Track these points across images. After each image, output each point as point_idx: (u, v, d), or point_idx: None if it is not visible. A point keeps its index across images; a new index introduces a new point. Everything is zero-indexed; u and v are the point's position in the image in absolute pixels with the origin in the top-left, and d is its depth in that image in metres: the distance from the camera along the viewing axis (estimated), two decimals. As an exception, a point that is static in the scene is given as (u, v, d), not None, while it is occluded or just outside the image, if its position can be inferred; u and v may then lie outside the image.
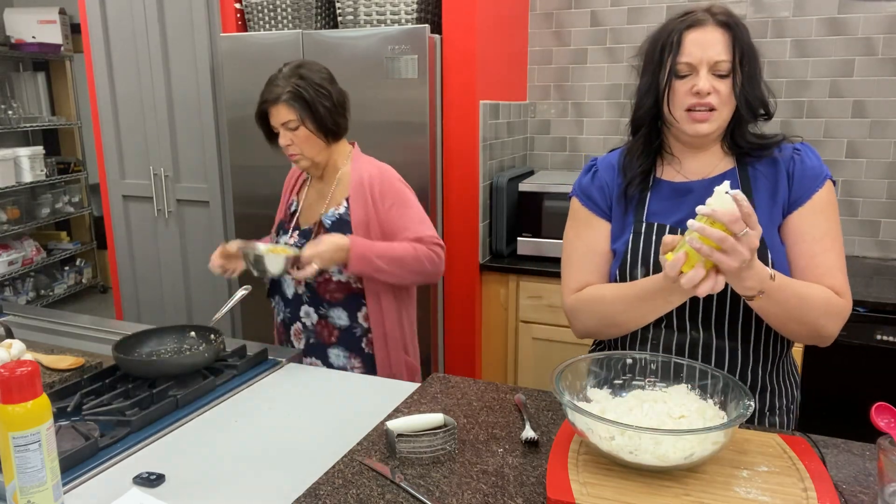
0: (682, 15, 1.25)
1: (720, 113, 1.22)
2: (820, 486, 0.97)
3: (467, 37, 2.50)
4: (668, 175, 1.33)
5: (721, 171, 1.30)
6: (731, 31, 1.20)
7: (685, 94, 1.21)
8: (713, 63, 1.19)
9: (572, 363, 1.18)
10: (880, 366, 2.19)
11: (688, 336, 1.28)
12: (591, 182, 1.39)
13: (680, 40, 1.21)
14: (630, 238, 1.31)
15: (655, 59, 1.25)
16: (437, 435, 1.13)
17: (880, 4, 2.56)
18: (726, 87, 1.20)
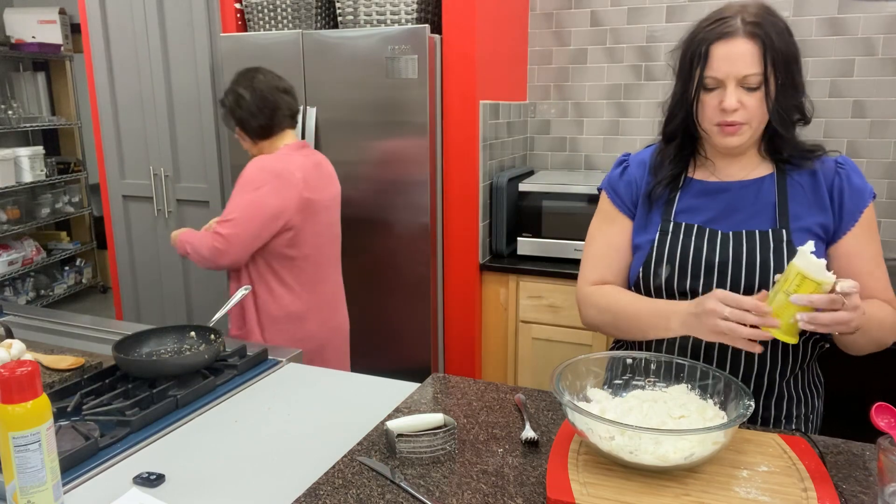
0: (713, 21, 1.19)
1: (749, 126, 1.20)
2: (820, 486, 0.97)
3: (467, 37, 2.50)
4: (701, 175, 1.32)
5: (758, 175, 1.28)
6: (761, 40, 1.15)
7: (713, 109, 1.20)
8: (741, 77, 1.16)
9: (572, 363, 1.18)
10: (880, 366, 2.19)
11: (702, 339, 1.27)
12: (619, 177, 1.39)
13: (708, 53, 1.17)
14: (657, 236, 1.30)
15: (685, 68, 1.22)
16: (437, 435, 1.13)
17: (880, 4, 2.56)
18: (755, 101, 1.17)
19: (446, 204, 2.66)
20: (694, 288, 1.26)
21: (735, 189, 1.28)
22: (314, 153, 2.14)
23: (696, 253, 1.26)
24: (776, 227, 1.24)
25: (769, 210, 1.25)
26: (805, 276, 1.01)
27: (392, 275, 2.70)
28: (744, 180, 1.28)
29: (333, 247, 2.19)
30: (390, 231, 2.67)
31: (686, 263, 1.26)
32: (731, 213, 1.27)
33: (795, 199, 1.25)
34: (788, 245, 1.22)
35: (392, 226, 2.67)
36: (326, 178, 2.13)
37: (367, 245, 2.72)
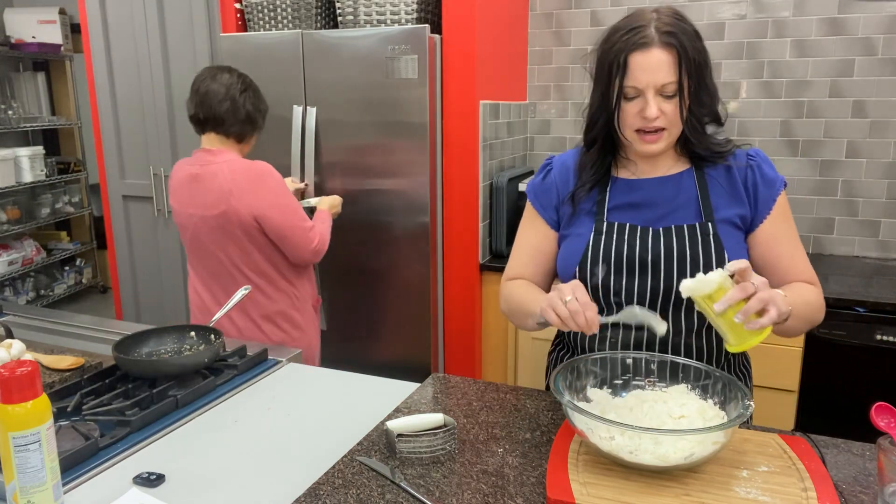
0: (628, 30, 1.21)
1: (669, 132, 1.24)
2: (820, 486, 0.97)
3: (467, 37, 2.50)
4: (624, 174, 1.36)
5: (677, 170, 1.33)
6: (676, 49, 1.18)
7: (634, 117, 1.23)
8: (659, 86, 1.19)
9: (572, 363, 1.18)
10: (880, 366, 2.19)
11: (645, 332, 1.29)
12: (541, 182, 1.45)
13: (626, 62, 1.20)
14: (591, 237, 1.33)
15: (604, 77, 1.25)
16: (437, 435, 1.13)
17: (880, 4, 2.56)
18: (673, 107, 1.21)
19: (446, 204, 2.66)
20: (630, 285, 1.30)
21: (656, 185, 1.33)
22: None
23: (629, 251, 1.30)
24: (702, 220, 1.29)
25: (692, 204, 1.31)
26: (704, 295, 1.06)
27: (392, 275, 2.70)
28: (663, 176, 1.33)
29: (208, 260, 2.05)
30: (390, 231, 2.67)
31: (621, 262, 1.30)
32: (656, 208, 1.32)
33: (714, 193, 1.31)
34: (714, 238, 1.27)
35: (392, 226, 2.67)
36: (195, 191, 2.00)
37: (367, 245, 2.72)
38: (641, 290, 1.29)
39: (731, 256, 1.26)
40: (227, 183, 1.94)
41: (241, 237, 1.98)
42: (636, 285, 1.29)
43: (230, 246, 1.99)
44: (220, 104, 1.98)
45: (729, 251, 1.26)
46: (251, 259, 2.01)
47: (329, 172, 2.71)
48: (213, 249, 2.00)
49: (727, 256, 1.25)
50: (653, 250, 1.28)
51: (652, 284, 1.29)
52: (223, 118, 2.00)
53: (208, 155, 2.02)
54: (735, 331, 1.06)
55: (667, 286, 1.28)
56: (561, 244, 1.41)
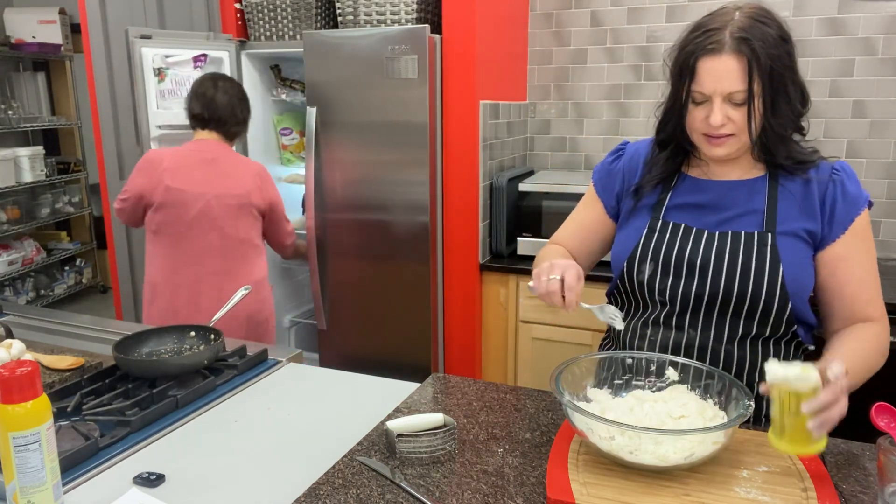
0: (701, 32, 1.17)
1: (738, 138, 1.20)
2: (820, 486, 0.97)
3: (467, 37, 2.50)
4: (695, 173, 1.33)
5: (750, 177, 1.28)
6: (747, 56, 1.13)
7: (701, 122, 1.20)
8: (727, 94, 1.16)
9: (572, 363, 1.18)
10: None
11: (684, 335, 1.28)
12: (609, 165, 1.43)
13: (695, 67, 1.17)
14: (644, 233, 1.31)
15: (676, 78, 1.23)
16: (437, 435, 1.13)
17: (880, 4, 2.56)
18: (742, 115, 1.17)
19: (446, 204, 2.66)
20: (674, 286, 1.28)
21: (725, 188, 1.29)
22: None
23: (679, 252, 1.27)
24: (762, 230, 1.24)
25: (758, 213, 1.25)
26: (795, 392, 0.96)
27: (392, 275, 2.70)
28: (735, 180, 1.29)
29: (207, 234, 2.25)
30: (390, 231, 2.67)
31: (669, 262, 1.28)
32: (719, 211, 1.28)
33: (785, 204, 1.24)
34: (772, 249, 1.22)
35: (392, 226, 2.67)
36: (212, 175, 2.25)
37: (367, 245, 2.72)
38: (686, 292, 1.26)
39: (787, 272, 1.20)
40: (251, 171, 2.32)
41: (254, 216, 2.33)
42: (681, 287, 1.26)
43: (243, 220, 2.29)
44: (224, 108, 2.29)
45: (786, 266, 1.21)
46: (256, 233, 2.36)
47: (329, 172, 2.71)
48: (222, 224, 2.25)
49: (782, 270, 1.20)
50: (703, 254, 1.25)
51: (697, 288, 1.25)
52: (226, 120, 2.31)
53: (213, 145, 2.30)
54: (796, 433, 0.97)
55: (712, 291, 1.24)
56: (617, 234, 1.39)
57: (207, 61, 2.83)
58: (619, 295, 1.40)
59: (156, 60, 2.75)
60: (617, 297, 1.42)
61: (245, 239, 2.31)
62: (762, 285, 1.21)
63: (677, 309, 1.28)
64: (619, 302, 1.41)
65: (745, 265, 1.22)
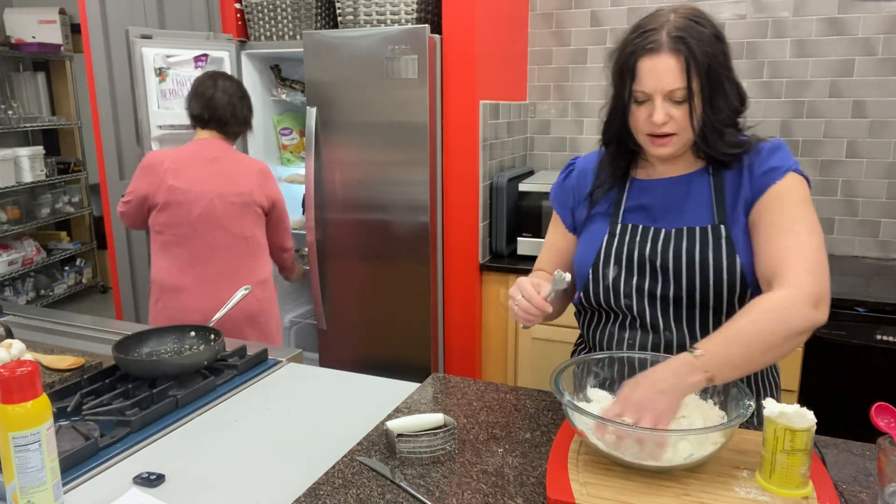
0: (639, 33, 1.20)
1: (680, 137, 1.22)
2: (820, 486, 0.97)
3: (467, 37, 2.50)
4: (642, 175, 1.35)
5: (693, 169, 1.30)
6: (684, 55, 1.16)
7: (644, 121, 1.22)
8: (667, 92, 1.18)
9: (572, 363, 1.18)
10: (880, 366, 2.19)
11: (662, 336, 1.29)
12: (561, 184, 1.47)
13: (635, 67, 1.19)
14: (605, 238, 1.33)
15: (617, 79, 1.24)
16: (437, 435, 1.13)
17: (880, 4, 2.56)
18: (683, 113, 1.19)
19: (446, 204, 2.66)
20: (640, 287, 1.29)
21: (669, 184, 1.31)
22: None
23: (640, 253, 1.29)
24: (715, 223, 1.26)
25: (704, 205, 1.28)
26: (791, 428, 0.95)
27: (392, 274, 2.70)
28: (676, 176, 1.31)
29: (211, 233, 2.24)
30: (390, 231, 2.67)
31: (632, 264, 1.29)
32: (669, 209, 1.30)
33: (730, 194, 1.27)
34: (727, 241, 1.24)
35: (392, 226, 2.67)
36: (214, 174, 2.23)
37: (367, 245, 2.72)
38: (651, 292, 1.27)
39: (744, 261, 1.22)
40: (253, 169, 2.30)
41: (257, 214, 2.31)
42: (646, 287, 1.28)
43: (247, 218, 2.28)
44: (224, 108, 2.26)
45: (742, 255, 1.22)
46: (260, 231, 2.34)
47: (329, 172, 2.71)
48: (226, 223, 2.23)
49: (739, 261, 1.22)
50: (663, 253, 1.27)
51: (662, 287, 1.27)
52: (227, 120, 2.28)
53: (214, 144, 2.28)
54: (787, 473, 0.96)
55: (677, 289, 1.25)
56: (578, 243, 1.41)
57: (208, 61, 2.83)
58: (586, 306, 1.38)
59: (157, 60, 2.75)
60: (585, 309, 1.40)
61: (250, 237, 2.30)
62: (722, 277, 1.23)
63: (647, 310, 1.29)
64: (588, 313, 1.40)
65: (703, 260, 1.24)
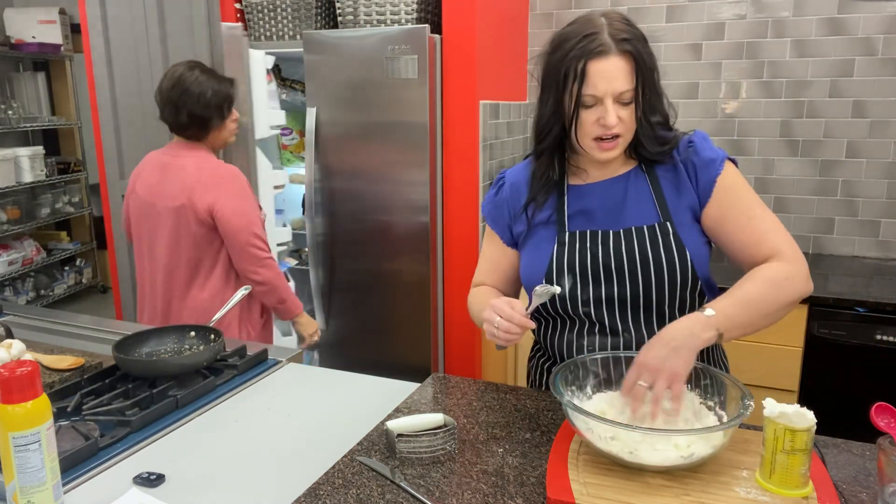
0: (582, 38, 1.19)
1: (625, 138, 1.23)
2: (820, 486, 0.97)
3: (467, 37, 2.50)
4: (575, 181, 1.35)
5: (625, 170, 1.31)
6: (633, 56, 1.18)
7: (592, 125, 1.22)
8: (618, 94, 1.18)
9: (572, 363, 1.18)
10: (880, 366, 2.19)
11: (621, 338, 1.29)
12: (493, 198, 1.45)
13: (584, 71, 1.18)
14: (555, 248, 1.31)
15: (559, 84, 1.23)
16: (437, 435, 1.13)
17: (880, 4, 2.56)
18: (629, 114, 1.20)
19: (446, 204, 2.66)
20: (597, 293, 1.28)
21: (606, 187, 1.32)
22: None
23: (593, 259, 1.28)
24: (660, 220, 1.27)
25: (647, 203, 1.29)
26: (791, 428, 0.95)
27: (392, 274, 2.70)
28: (612, 178, 1.32)
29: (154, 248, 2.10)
30: (390, 231, 2.67)
31: (586, 271, 1.29)
32: (610, 211, 1.30)
33: (666, 190, 1.29)
34: (675, 237, 1.25)
35: (392, 226, 2.67)
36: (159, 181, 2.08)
37: (367, 245, 2.72)
38: (609, 296, 1.28)
39: (692, 254, 1.24)
40: (191, 177, 2.01)
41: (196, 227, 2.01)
42: (603, 293, 1.28)
43: (182, 232, 2.02)
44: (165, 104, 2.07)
45: (690, 249, 1.25)
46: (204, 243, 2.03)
47: (329, 172, 2.71)
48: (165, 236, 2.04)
49: (689, 255, 1.24)
50: (615, 255, 1.27)
51: (619, 291, 1.27)
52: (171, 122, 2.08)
53: (172, 149, 2.12)
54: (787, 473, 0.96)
55: (633, 291, 1.26)
56: (522, 256, 1.39)
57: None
58: (542, 314, 1.38)
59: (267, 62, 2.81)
60: (540, 317, 1.39)
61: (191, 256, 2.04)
62: (676, 273, 1.24)
63: (605, 315, 1.29)
64: (544, 321, 1.39)
65: (656, 259, 1.25)
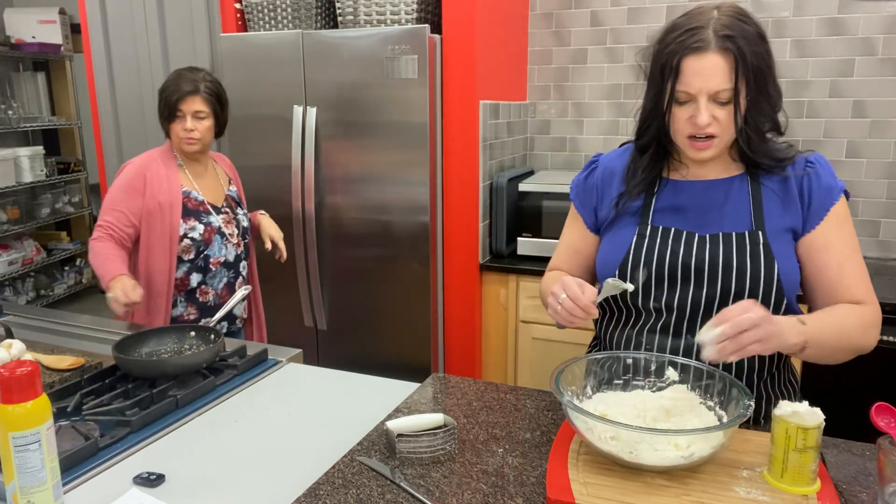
0: (684, 31, 1.15)
1: (721, 139, 1.19)
2: (820, 489, 0.97)
3: (467, 37, 2.50)
4: (676, 175, 1.32)
5: (728, 175, 1.27)
6: (733, 54, 1.12)
7: (685, 123, 1.18)
8: (713, 93, 1.14)
9: (572, 363, 1.18)
10: (880, 366, 2.19)
11: (682, 341, 1.27)
12: (584, 181, 1.42)
13: (679, 67, 1.15)
14: (634, 239, 1.29)
15: (657, 78, 1.20)
16: (437, 435, 1.13)
17: (880, 4, 2.56)
18: (727, 114, 1.16)
19: (446, 204, 2.66)
20: (671, 292, 1.25)
21: (705, 187, 1.28)
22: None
23: (672, 257, 1.25)
24: (752, 229, 1.23)
25: (742, 211, 1.25)
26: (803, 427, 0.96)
27: (392, 275, 2.70)
28: (714, 179, 1.28)
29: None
30: (390, 231, 2.67)
31: (663, 268, 1.26)
32: (703, 212, 1.27)
33: (768, 202, 1.24)
34: (765, 248, 1.21)
35: (392, 226, 2.67)
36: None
37: (367, 245, 2.72)
38: (682, 297, 1.24)
39: (782, 268, 1.20)
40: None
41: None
42: (678, 292, 1.24)
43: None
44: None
45: (780, 263, 1.21)
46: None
47: (329, 172, 2.71)
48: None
49: (777, 267, 1.20)
50: (697, 257, 1.23)
51: (694, 293, 1.24)
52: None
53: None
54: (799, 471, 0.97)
55: (710, 295, 1.23)
56: (602, 243, 1.36)
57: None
58: (609, 304, 1.37)
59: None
60: (606, 307, 1.38)
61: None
62: (759, 285, 1.20)
63: (675, 315, 1.26)
64: (609, 311, 1.38)
65: (740, 266, 1.21)
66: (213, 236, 2.10)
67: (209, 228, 2.09)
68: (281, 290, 2.86)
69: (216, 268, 2.12)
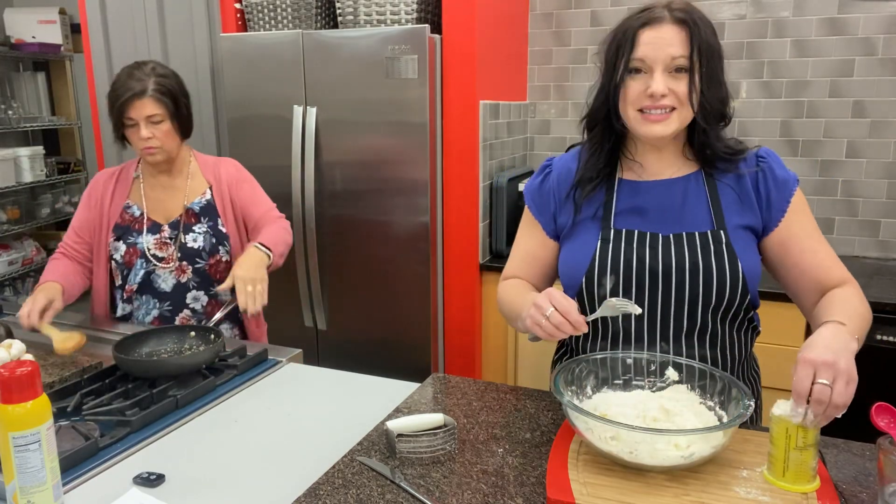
0: (639, 12, 1.19)
1: (679, 113, 1.17)
2: (820, 486, 0.97)
3: (467, 37, 2.50)
4: (629, 176, 1.30)
5: (684, 173, 1.27)
6: (688, 26, 1.15)
7: (638, 94, 1.17)
8: (669, 60, 1.14)
9: (572, 363, 1.18)
10: (880, 366, 2.19)
11: (657, 349, 1.25)
12: (539, 186, 1.38)
13: (634, 38, 1.16)
14: (598, 245, 1.27)
15: (611, 58, 1.21)
16: (437, 435, 1.13)
17: (880, 4, 2.56)
18: (684, 86, 1.15)
19: (446, 204, 2.66)
20: (639, 297, 1.24)
21: (662, 187, 1.27)
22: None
23: (639, 261, 1.24)
24: (713, 227, 1.23)
25: (701, 209, 1.25)
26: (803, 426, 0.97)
27: (392, 275, 2.70)
28: (670, 179, 1.27)
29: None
30: (390, 231, 2.67)
31: (630, 272, 1.24)
32: (663, 212, 1.26)
33: (725, 199, 1.25)
34: (728, 247, 1.21)
35: (392, 226, 2.67)
36: None
37: (367, 245, 2.72)
38: (652, 301, 1.24)
39: (744, 265, 1.21)
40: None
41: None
42: (646, 297, 1.24)
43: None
44: None
45: (743, 260, 1.21)
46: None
47: (329, 172, 2.71)
48: None
49: (740, 265, 1.21)
50: (664, 259, 1.23)
51: (663, 296, 1.23)
52: None
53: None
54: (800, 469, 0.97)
55: (678, 298, 1.22)
56: (563, 250, 1.34)
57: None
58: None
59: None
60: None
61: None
62: (725, 284, 1.21)
63: (645, 321, 1.25)
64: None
65: (706, 267, 1.21)
66: (135, 259, 1.83)
67: (130, 250, 1.83)
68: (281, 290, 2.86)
69: (130, 295, 1.85)
